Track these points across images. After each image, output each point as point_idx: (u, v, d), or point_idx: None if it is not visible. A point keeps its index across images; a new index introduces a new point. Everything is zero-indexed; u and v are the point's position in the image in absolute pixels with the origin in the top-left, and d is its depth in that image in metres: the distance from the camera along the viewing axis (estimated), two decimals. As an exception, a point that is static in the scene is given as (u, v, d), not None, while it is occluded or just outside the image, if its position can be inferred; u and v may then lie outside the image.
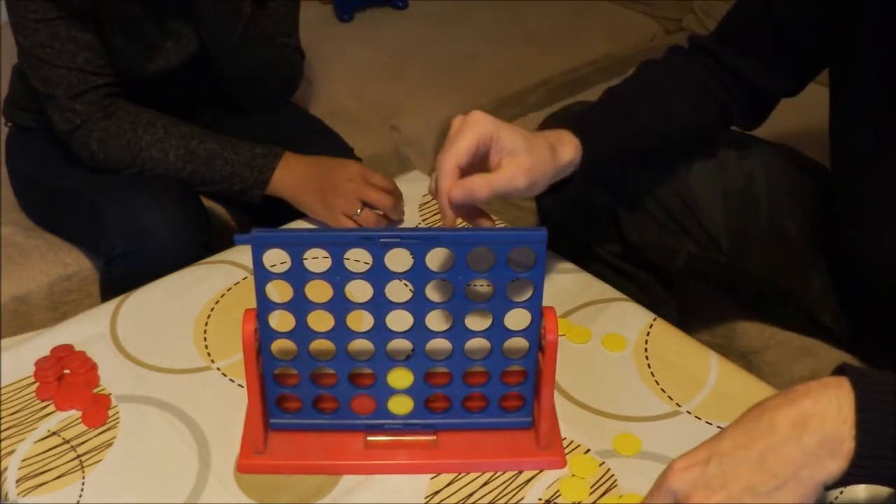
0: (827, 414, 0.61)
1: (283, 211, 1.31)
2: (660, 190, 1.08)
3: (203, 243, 1.18)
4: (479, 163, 0.88)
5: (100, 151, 1.22)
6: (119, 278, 1.06)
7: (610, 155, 0.96)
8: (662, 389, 0.90)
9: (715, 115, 1.04)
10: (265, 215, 1.44)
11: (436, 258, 0.75)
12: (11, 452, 0.83)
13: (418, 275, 0.76)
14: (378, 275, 0.76)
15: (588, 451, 0.84)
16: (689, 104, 1.02)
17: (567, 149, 0.92)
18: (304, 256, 0.75)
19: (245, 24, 1.28)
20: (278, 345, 0.79)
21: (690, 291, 1.22)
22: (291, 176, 1.18)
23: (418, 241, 0.75)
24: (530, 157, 0.87)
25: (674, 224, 1.09)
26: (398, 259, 0.75)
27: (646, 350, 0.95)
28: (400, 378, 0.81)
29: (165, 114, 1.23)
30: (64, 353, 0.92)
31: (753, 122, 1.08)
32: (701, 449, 0.65)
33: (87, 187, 1.25)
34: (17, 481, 0.80)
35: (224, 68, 1.33)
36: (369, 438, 0.83)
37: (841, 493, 0.81)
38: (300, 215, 1.17)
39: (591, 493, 0.79)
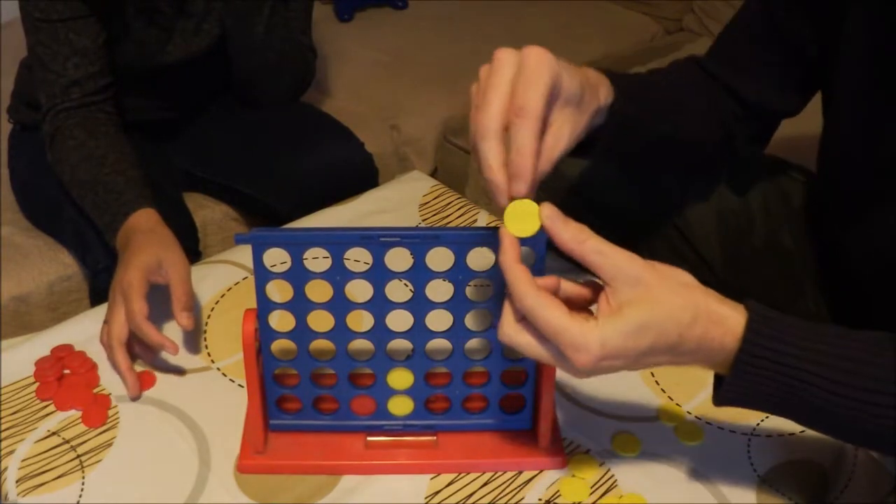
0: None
1: (282, 211, 1.31)
2: (655, 218, 1.07)
3: (189, 249, 1.16)
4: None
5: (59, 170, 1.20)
6: (106, 291, 1.04)
7: (635, 114, 0.87)
8: (663, 390, 0.90)
9: (718, 135, 1.00)
10: (264, 215, 1.45)
11: (436, 258, 0.75)
12: (11, 452, 0.83)
13: (418, 274, 0.76)
14: (378, 274, 0.76)
15: (588, 451, 0.84)
16: (700, 115, 0.99)
17: (603, 90, 0.82)
18: (304, 256, 0.75)
19: (269, 13, 1.29)
20: (278, 345, 0.79)
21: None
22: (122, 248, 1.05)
23: (418, 241, 0.75)
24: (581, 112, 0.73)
25: (666, 250, 1.08)
26: (398, 259, 0.75)
27: (646, 350, 0.95)
28: (400, 378, 0.81)
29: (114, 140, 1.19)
30: (64, 353, 0.92)
31: (757, 147, 1.06)
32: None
33: (71, 199, 1.22)
34: (17, 481, 0.80)
35: (243, 58, 1.34)
36: (369, 439, 0.83)
37: (841, 492, 0.81)
38: (299, 215, 1.17)
39: (591, 494, 0.79)
